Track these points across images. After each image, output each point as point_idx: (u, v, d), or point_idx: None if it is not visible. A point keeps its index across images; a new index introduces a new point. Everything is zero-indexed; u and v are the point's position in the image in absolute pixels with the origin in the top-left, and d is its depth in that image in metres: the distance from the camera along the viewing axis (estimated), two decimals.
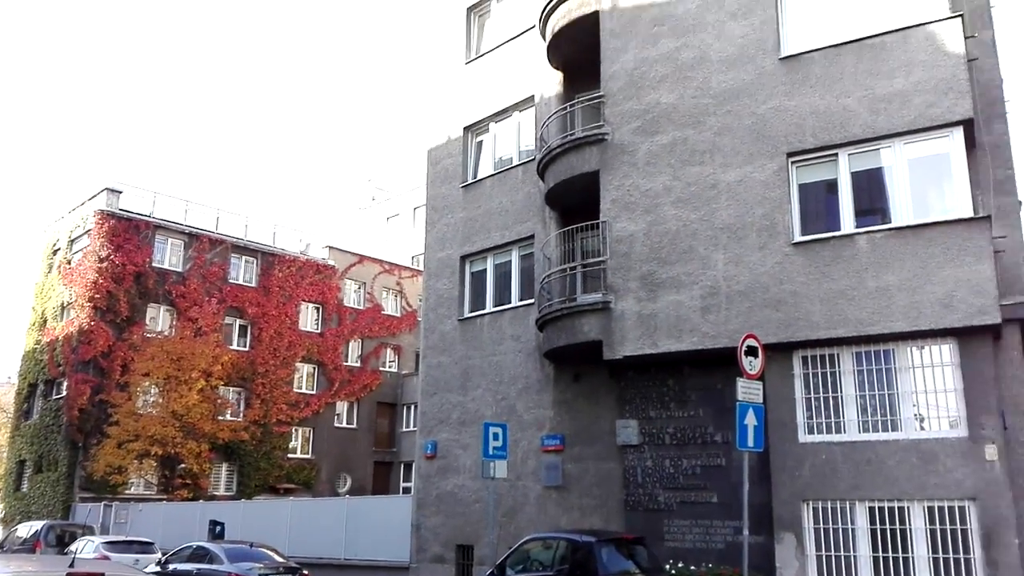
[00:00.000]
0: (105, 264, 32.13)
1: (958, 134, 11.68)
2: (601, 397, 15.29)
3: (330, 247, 40.36)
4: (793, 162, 13.17)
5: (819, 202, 13.04)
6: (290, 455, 36.58)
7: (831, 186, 12.86)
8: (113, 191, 33.82)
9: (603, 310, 14.55)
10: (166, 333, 33.06)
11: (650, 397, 14.57)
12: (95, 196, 34.00)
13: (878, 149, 12.43)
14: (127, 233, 33.13)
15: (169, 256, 34.63)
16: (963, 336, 11.32)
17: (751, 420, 11.20)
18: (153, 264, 33.72)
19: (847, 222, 12.48)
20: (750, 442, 11.10)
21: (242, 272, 36.67)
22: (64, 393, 32.17)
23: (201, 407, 30.72)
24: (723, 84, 14.04)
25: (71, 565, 5.74)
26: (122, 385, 30.94)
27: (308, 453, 37.51)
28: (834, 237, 12.48)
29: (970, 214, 11.38)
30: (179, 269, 34.57)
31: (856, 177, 12.63)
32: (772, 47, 13.66)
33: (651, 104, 14.87)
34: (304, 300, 38.14)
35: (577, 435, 15.53)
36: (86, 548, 19.00)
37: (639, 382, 14.68)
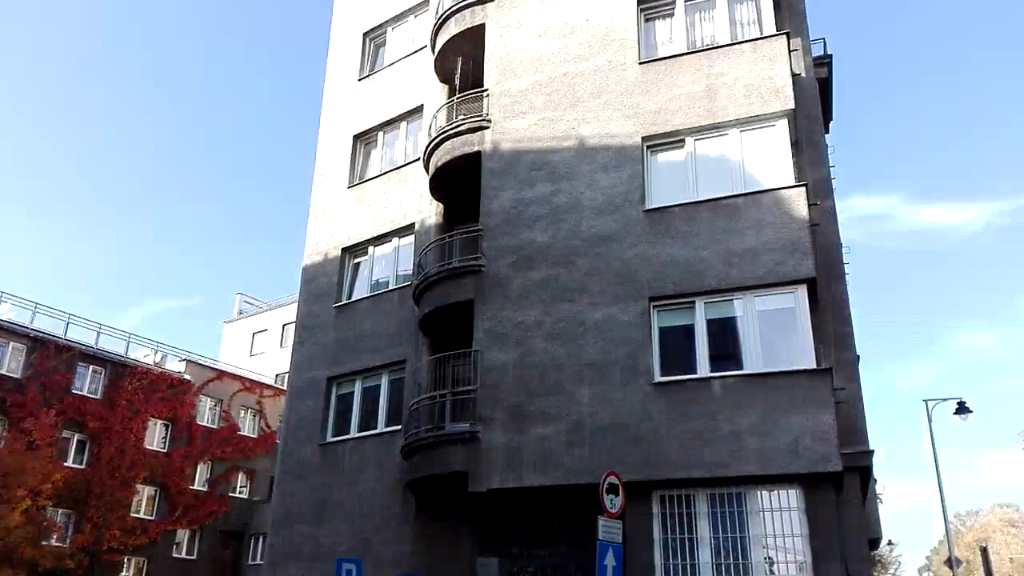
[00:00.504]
0: None
1: (802, 291, 12.71)
2: (463, 532, 14.94)
3: (188, 360, 38.53)
4: (655, 306, 13.89)
5: (678, 345, 13.68)
6: None
7: (689, 331, 13.57)
8: None
9: (470, 440, 14.47)
10: None
11: (513, 533, 14.35)
12: None
13: (731, 300, 13.31)
14: None
15: (8, 361, 32.12)
16: (808, 482, 11.88)
17: (611, 561, 11.16)
18: None
19: (703, 366, 13.12)
20: None
21: (88, 382, 34.34)
22: None
23: (24, 529, 27.76)
24: (593, 229, 14.84)
25: None
26: None
27: None
28: (691, 380, 13.06)
29: (813, 366, 12.23)
30: (17, 375, 32.01)
31: (711, 324, 13.40)
32: (638, 199, 14.63)
33: (526, 241, 15.47)
34: (153, 416, 35.85)
35: (436, 573, 15.00)
36: None
37: (502, 517, 14.48)
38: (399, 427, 16.67)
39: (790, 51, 14.45)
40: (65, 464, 31.86)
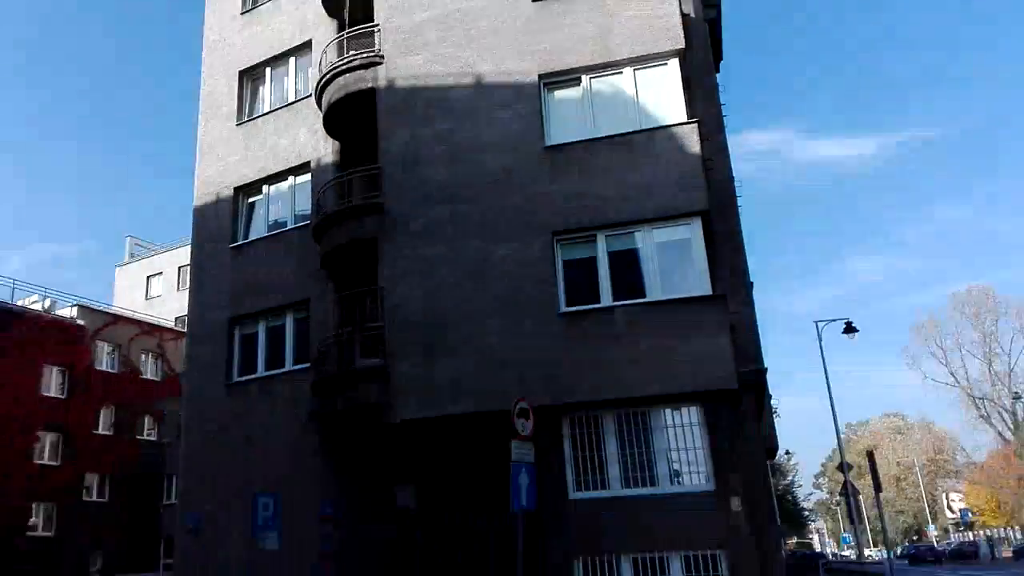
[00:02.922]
0: None
1: (697, 223, 12.74)
2: (379, 462, 14.61)
3: (80, 306, 35.75)
4: (558, 240, 13.63)
5: (582, 277, 13.53)
6: (30, 533, 31.28)
7: (591, 263, 13.43)
8: None
9: (381, 375, 14.01)
10: None
11: (429, 460, 14.15)
12: None
13: (631, 232, 13.23)
14: None
15: None
16: (707, 399, 12.19)
17: (524, 480, 11.15)
18: None
19: (606, 296, 13.07)
20: (523, 501, 11.03)
21: None
22: None
23: None
24: (493, 166, 14.30)
25: None
26: None
27: (51, 531, 32.27)
28: (595, 309, 13.01)
29: (709, 292, 12.38)
30: None
31: (612, 256, 13.30)
32: (536, 136, 14.16)
33: (426, 179, 14.79)
34: (47, 363, 33.20)
35: (354, 502, 14.67)
36: None
37: (418, 445, 14.21)
38: (307, 365, 15.97)
39: None
40: None
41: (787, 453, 59.65)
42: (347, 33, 16.77)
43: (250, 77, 19.65)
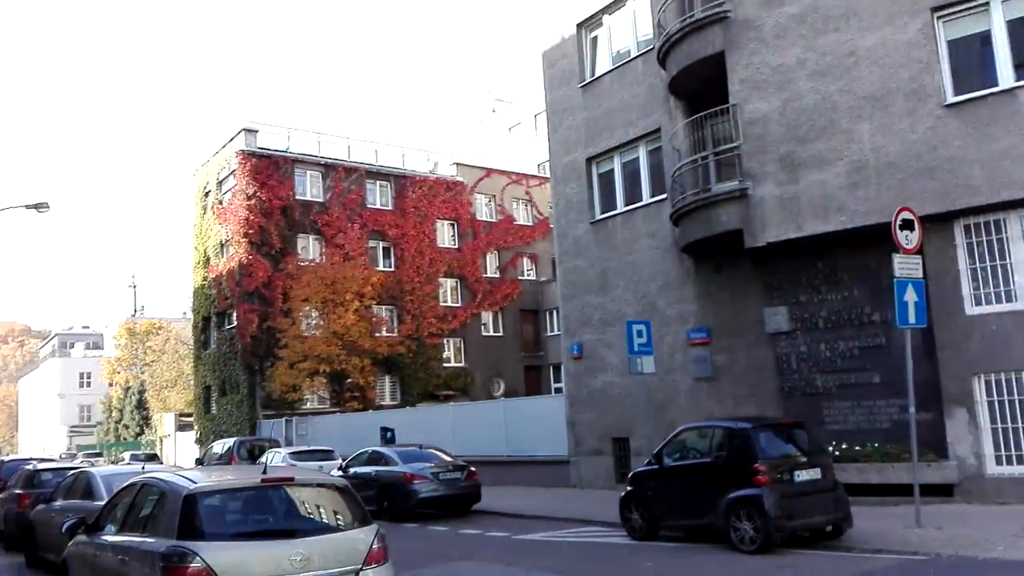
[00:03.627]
0: (253, 201, 33.27)
1: None
2: (746, 286, 14.83)
3: (457, 163, 40.39)
4: (939, 17, 11.90)
5: (972, 58, 11.80)
6: (445, 364, 37.74)
7: (984, 39, 11.60)
8: (250, 131, 34.73)
9: (740, 198, 13.93)
10: (317, 260, 34.37)
11: (798, 282, 14.00)
12: (234, 138, 35.07)
13: None
14: (268, 170, 34.12)
15: (309, 188, 35.55)
16: None
17: (911, 296, 10.51)
18: (296, 197, 34.70)
19: (1005, 76, 11.29)
20: (911, 319, 10.46)
21: (378, 196, 37.33)
22: (235, 323, 34.09)
23: (359, 326, 32.04)
24: None
25: (264, 472, 6.47)
26: (285, 311, 32.48)
27: (461, 362, 38.53)
28: (992, 94, 11.36)
29: None
30: (320, 199, 35.52)
31: (1012, 25, 11.32)
32: None
33: None
34: (439, 218, 38.50)
35: (723, 326, 15.19)
36: (275, 459, 19.95)
37: (785, 267, 14.10)
38: (664, 196, 16.45)
39: None
40: (377, 269, 35.69)
41: None
42: None
43: None
